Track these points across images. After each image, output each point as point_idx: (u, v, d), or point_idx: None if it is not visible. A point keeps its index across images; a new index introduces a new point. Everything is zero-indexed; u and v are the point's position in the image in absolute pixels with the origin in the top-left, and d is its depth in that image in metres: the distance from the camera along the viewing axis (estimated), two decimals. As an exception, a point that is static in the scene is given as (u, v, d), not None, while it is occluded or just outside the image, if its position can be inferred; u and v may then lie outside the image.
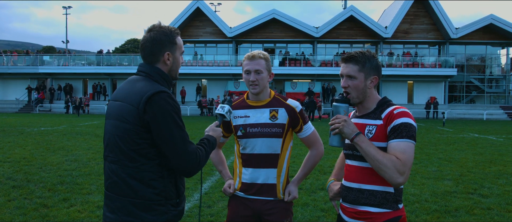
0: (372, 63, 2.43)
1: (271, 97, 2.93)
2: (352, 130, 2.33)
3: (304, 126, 2.92)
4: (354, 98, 2.47)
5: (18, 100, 42.47)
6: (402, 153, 2.23)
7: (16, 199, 6.42)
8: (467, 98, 43.60)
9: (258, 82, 2.82)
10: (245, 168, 2.91)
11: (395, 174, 2.21)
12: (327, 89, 40.62)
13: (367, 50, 2.48)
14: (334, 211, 5.97)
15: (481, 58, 44.24)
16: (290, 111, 2.88)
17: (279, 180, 2.88)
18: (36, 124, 23.06)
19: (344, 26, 41.47)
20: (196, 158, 2.27)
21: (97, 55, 44.30)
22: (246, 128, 2.85)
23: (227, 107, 2.68)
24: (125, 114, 2.24)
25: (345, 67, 2.46)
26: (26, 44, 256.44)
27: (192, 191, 7.02)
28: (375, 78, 2.46)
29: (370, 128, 2.39)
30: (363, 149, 2.28)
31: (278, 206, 2.86)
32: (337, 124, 2.36)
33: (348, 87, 2.44)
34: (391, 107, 2.38)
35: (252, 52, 2.88)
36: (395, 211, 2.34)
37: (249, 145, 2.87)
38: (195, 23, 42.78)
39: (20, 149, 12.18)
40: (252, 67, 2.82)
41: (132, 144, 2.21)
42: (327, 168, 9.30)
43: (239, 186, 2.94)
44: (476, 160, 10.84)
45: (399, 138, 2.25)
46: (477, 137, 17.96)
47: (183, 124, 2.26)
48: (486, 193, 7.11)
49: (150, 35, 2.33)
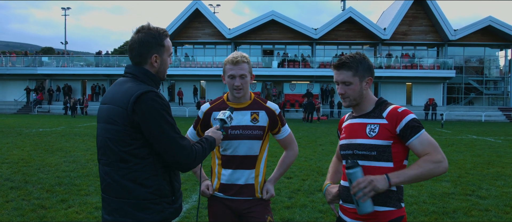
0: (364, 65, 2.47)
1: (251, 99, 2.95)
2: (383, 180, 2.28)
3: (282, 128, 2.99)
4: (352, 101, 2.49)
5: (17, 102, 42.46)
6: (429, 144, 2.32)
7: (14, 200, 6.41)
8: (465, 100, 43.71)
9: (242, 86, 2.83)
10: (224, 169, 2.93)
11: (438, 168, 2.28)
12: (325, 91, 40.65)
13: (357, 53, 2.52)
14: (332, 212, 5.98)
15: (480, 60, 44.35)
16: (270, 114, 2.92)
17: (257, 180, 2.92)
18: (35, 125, 23.04)
19: (343, 28, 41.56)
20: (192, 152, 2.28)
21: (96, 56, 44.35)
22: (228, 129, 2.85)
23: (228, 113, 2.69)
24: (113, 116, 2.24)
25: (339, 74, 2.49)
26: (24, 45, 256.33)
27: (190, 192, 7.02)
28: (370, 79, 2.50)
29: (372, 127, 2.41)
30: (405, 182, 2.31)
31: (256, 204, 2.90)
32: (366, 189, 2.28)
33: (345, 93, 2.48)
34: (391, 106, 2.43)
35: (233, 55, 2.84)
36: (398, 210, 2.37)
37: (230, 147, 2.88)
38: (194, 25, 42.82)
39: (18, 150, 12.17)
40: (236, 72, 2.81)
41: (123, 145, 2.22)
42: (325, 170, 9.30)
43: (217, 186, 2.95)
44: (474, 162, 10.85)
45: (418, 132, 2.32)
46: (476, 139, 17.99)
47: (174, 121, 2.27)
48: (484, 195, 7.12)
49: (138, 37, 2.32)
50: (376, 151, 2.37)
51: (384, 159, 2.36)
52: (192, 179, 8.04)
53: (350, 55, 2.49)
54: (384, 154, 2.36)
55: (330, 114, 38.51)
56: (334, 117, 38.21)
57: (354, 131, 2.50)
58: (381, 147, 2.36)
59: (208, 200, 3.03)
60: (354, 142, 2.46)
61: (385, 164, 2.37)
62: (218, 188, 2.94)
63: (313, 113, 31.46)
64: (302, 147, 13.19)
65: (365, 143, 2.40)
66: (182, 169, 2.31)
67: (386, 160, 2.36)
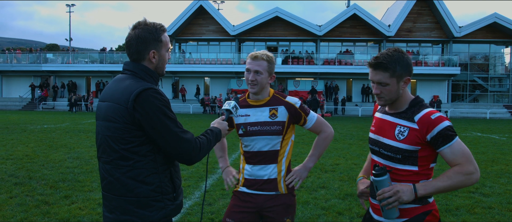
0: (402, 64, 2.33)
1: (270, 96, 2.98)
2: (409, 192, 2.26)
3: (307, 118, 2.99)
4: (387, 101, 2.41)
5: (22, 98, 42.63)
6: (462, 154, 2.24)
7: (18, 196, 6.44)
8: (470, 97, 43.52)
9: (256, 82, 2.87)
10: (247, 164, 2.98)
11: (469, 180, 2.23)
12: (329, 88, 40.59)
13: (395, 49, 2.36)
14: (334, 209, 5.98)
15: (485, 57, 44.12)
16: (290, 108, 2.93)
17: (280, 175, 2.93)
18: (39, 122, 23.13)
19: (347, 25, 41.45)
20: (196, 144, 2.29)
21: (100, 53, 44.43)
22: (247, 126, 2.93)
23: (233, 103, 2.77)
24: (113, 114, 2.24)
25: (375, 74, 2.36)
26: (29, 42, 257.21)
27: (193, 189, 7.03)
28: (408, 79, 2.37)
29: (401, 129, 2.34)
30: (433, 194, 2.27)
31: (279, 204, 2.89)
32: (391, 199, 2.27)
33: (381, 94, 2.38)
34: (424, 110, 2.31)
35: (256, 52, 2.92)
36: (424, 206, 2.33)
37: (250, 143, 2.94)
38: (198, 21, 42.81)
39: (22, 146, 12.22)
40: (252, 67, 2.87)
41: (124, 143, 2.22)
42: (328, 166, 9.29)
43: (242, 181, 3.00)
44: (479, 159, 10.81)
45: (450, 140, 2.23)
46: (480, 136, 17.92)
47: (175, 116, 2.27)
48: (488, 192, 7.10)
49: (135, 33, 2.31)
50: (401, 155, 2.32)
51: (408, 163, 2.32)
52: (195, 176, 8.05)
53: (388, 54, 2.33)
54: (410, 158, 2.31)
55: (334, 111, 38.46)
56: (338, 114, 38.16)
57: (383, 129, 2.44)
58: (407, 151, 2.30)
59: (233, 194, 3.08)
60: (382, 140, 2.43)
61: (409, 167, 2.32)
62: (243, 183, 3.00)
63: (317, 110, 31.44)
64: (305, 144, 13.19)
65: (392, 144, 2.35)
66: (187, 162, 2.31)
67: (411, 164, 2.32)
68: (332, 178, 8.08)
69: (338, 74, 40.58)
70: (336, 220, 5.57)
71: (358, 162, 10.15)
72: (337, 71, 39.91)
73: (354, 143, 14.37)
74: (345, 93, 41.42)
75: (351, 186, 7.43)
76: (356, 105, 38.96)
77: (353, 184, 7.61)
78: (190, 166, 8.71)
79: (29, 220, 5.31)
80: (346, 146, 13.54)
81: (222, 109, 2.80)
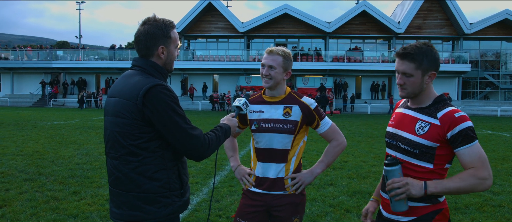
0: (430, 58, 2.31)
1: (286, 94, 2.96)
2: (419, 188, 2.24)
3: (321, 122, 2.94)
4: (409, 94, 2.37)
5: (32, 95, 42.99)
6: (478, 158, 2.20)
7: (28, 191, 6.50)
8: (481, 94, 43.11)
9: (270, 76, 2.86)
10: (258, 161, 2.97)
11: (481, 185, 2.19)
12: (338, 85, 40.44)
13: (424, 43, 2.34)
14: (342, 206, 5.96)
15: (496, 53, 43.67)
16: (304, 108, 2.90)
17: (287, 174, 2.91)
18: (49, 118, 23.32)
19: (357, 21, 41.22)
20: (205, 140, 2.29)
21: (110, 50, 44.61)
22: (260, 122, 2.92)
23: (244, 100, 2.79)
24: (122, 109, 2.25)
25: (401, 64, 2.34)
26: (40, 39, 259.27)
27: (201, 185, 7.04)
28: (433, 74, 2.34)
29: (422, 124, 2.31)
30: (443, 193, 2.24)
31: (287, 203, 2.88)
32: (399, 190, 2.26)
33: (404, 85, 2.36)
34: (448, 108, 2.27)
35: (273, 47, 2.92)
36: (435, 205, 2.31)
37: (261, 139, 2.93)
38: (207, 18, 42.83)
39: (33, 142, 12.33)
40: (267, 61, 2.86)
41: (133, 139, 2.22)
42: (336, 164, 9.26)
43: (253, 179, 2.99)
44: (489, 157, 10.62)
45: (470, 142, 2.20)
46: (491, 134, 17.76)
47: (183, 112, 2.28)
48: (498, 190, 7.04)
49: (144, 29, 2.32)
50: (418, 150, 2.29)
51: (425, 159, 2.29)
52: (203, 172, 8.07)
53: (417, 46, 2.32)
54: (426, 155, 2.29)
55: (343, 108, 38.32)
56: (347, 111, 38.03)
57: (403, 123, 2.42)
58: (425, 147, 2.27)
59: (243, 192, 3.07)
60: (400, 134, 2.40)
61: (424, 164, 2.30)
62: (254, 180, 2.99)
63: (326, 107, 31.35)
64: (314, 141, 13.16)
65: (411, 138, 2.33)
66: (196, 158, 2.32)
67: (427, 161, 2.29)
68: (340, 175, 8.06)
69: (347, 71, 40.39)
70: (344, 217, 5.55)
71: (367, 160, 10.11)
72: (346, 68, 39.71)
73: (362, 140, 14.31)
74: (354, 90, 41.21)
75: (359, 184, 7.40)
76: (365, 103, 38.77)
77: (361, 182, 7.58)
78: (198, 163, 8.76)
79: (39, 216, 5.36)
80: (355, 143, 13.49)
81: (232, 106, 2.80)
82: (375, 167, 8.98)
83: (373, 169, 8.77)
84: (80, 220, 5.25)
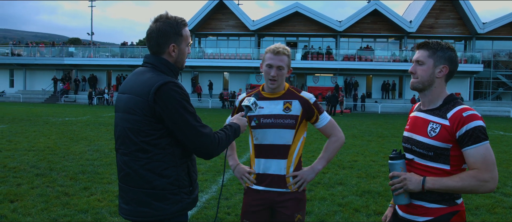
0: (445, 53, 2.34)
1: (285, 89, 2.95)
2: (416, 183, 2.27)
3: (320, 116, 2.94)
4: (418, 83, 2.38)
5: (44, 91, 43.37)
6: (482, 159, 2.17)
7: (39, 186, 6.57)
8: (493, 95, 42.64)
9: (278, 78, 2.85)
10: (257, 158, 2.96)
11: (481, 187, 2.18)
12: (349, 84, 40.27)
13: (446, 42, 2.39)
14: (350, 206, 5.94)
15: (509, 54, 43.17)
16: (304, 103, 2.89)
17: (289, 171, 2.90)
18: (61, 114, 23.52)
19: (368, 20, 41.01)
20: (214, 138, 2.30)
21: (121, 47, 44.83)
22: (260, 118, 2.90)
23: (253, 99, 2.77)
24: (133, 106, 2.26)
25: (417, 53, 2.41)
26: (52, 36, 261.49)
27: (210, 183, 7.06)
28: (445, 67, 2.34)
29: (433, 126, 2.30)
30: (441, 189, 2.24)
31: (289, 199, 2.88)
32: (398, 184, 2.32)
33: (415, 73, 2.38)
34: (458, 107, 2.26)
35: (276, 46, 2.88)
36: (451, 207, 2.30)
37: (261, 136, 2.91)
38: (217, 16, 42.89)
39: (44, 138, 12.45)
40: (275, 62, 2.83)
41: (143, 135, 2.23)
42: (346, 163, 9.23)
43: (254, 177, 2.98)
44: (500, 158, 10.61)
45: (477, 142, 2.17)
46: (503, 135, 17.58)
47: (194, 110, 2.29)
48: (509, 192, 6.96)
49: (156, 26, 2.32)
50: (433, 152, 2.28)
51: (440, 161, 2.28)
52: (212, 170, 8.09)
53: (437, 41, 2.39)
54: (441, 156, 2.27)
55: (353, 107, 38.17)
56: (358, 110, 37.87)
57: (417, 126, 2.41)
58: (439, 148, 2.26)
59: (245, 191, 3.06)
60: (414, 138, 2.40)
61: (441, 165, 2.29)
62: (254, 178, 2.98)
63: (336, 106, 31.23)
64: (324, 140, 13.10)
65: (424, 141, 2.32)
66: (205, 156, 2.33)
67: (443, 162, 2.28)
68: (350, 175, 8.03)
69: (358, 70, 40.19)
70: (352, 216, 5.53)
71: (377, 159, 10.06)
72: (357, 67, 39.51)
73: (373, 140, 14.24)
74: (364, 89, 41.02)
75: (369, 183, 7.37)
76: (376, 102, 38.57)
77: (371, 181, 7.55)
78: (207, 160, 8.78)
79: (49, 211, 5.42)
80: (365, 142, 13.43)
81: (242, 105, 2.79)
82: (385, 167, 8.93)
83: (383, 169, 8.73)
84: (90, 215, 5.29)
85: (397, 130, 18.19)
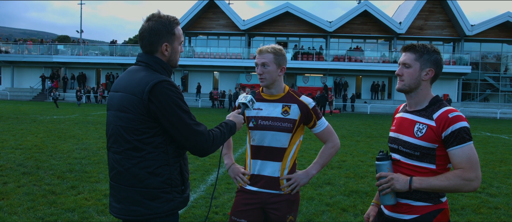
0: (431, 56, 2.40)
1: (285, 92, 2.96)
2: (403, 182, 2.32)
3: (317, 122, 2.95)
4: (405, 86, 2.43)
5: (32, 89, 42.95)
6: (467, 159, 2.23)
7: (26, 185, 6.51)
8: (481, 96, 43.07)
9: (264, 75, 2.86)
10: (253, 159, 2.96)
11: (466, 186, 2.23)
12: (339, 84, 40.42)
13: (431, 45, 2.43)
14: (338, 206, 5.97)
15: (497, 56, 43.63)
16: (303, 107, 2.90)
17: (282, 173, 2.91)
18: (49, 112, 23.32)
19: (358, 21, 41.20)
20: (209, 136, 2.31)
21: (111, 46, 44.52)
22: (258, 120, 2.91)
23: (250, 97, 2.80)
24: (127, 104, 2.26)
25: (403, 55, 2.45)
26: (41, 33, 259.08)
27: (198, 182, 7.06)
28: (431, 70, 2.39)
29: (420, 126, 2.35)
30: (427, 189, 2.29)
31: (282, 200, 2.89)
32: (385, 184, 2.37)
33: (402, 76, 2.43)
34: (444, 108, 2.32)
35: (262, 46, 2.92)
36: (436, 205, 2.35)
37: (258, 137, 2.92)
38: (208, 15, 42.79)
39: (32, 136, 12.34)
40: (259, 60, 2.88)
41: (137, 134, 2.24)
42: (334, 163, 9.28)
43: (248, 178, 2.99)
44: (487, 159, 10.73)
45: (462, 143, 2.23)
46: (489, 136, 17.77)
47: (188, 108, 2.30)
48: (494, 192, 7.05)
49: (149, 25, 2.33)
50: (419, 152, 2.34)
51: (426, 160, 2.34)
52: (201, 169, 8.08)
53: (423, 44, 2.44)
54: (428, 156, 2.33)
55: (342, 108, 38.32)
56: (347, 111, 38.03)
57: (403, 127, 2.46)
58: (425, 148, 2.32)
59: (237, 190, 3.06)
60: (401, 138, 2.44)
61: (427, 165, 2.34)
62: (248, 179, 2.98)
63: (325, 106, 31.32)
64: (313, 140, 13.17)
65: (411, 141, 2.37)
66: (200, 154, 2.33)
67: (429, 162, 2.33)
68: (338, 175, 8.07)
69: (348, 71, 40.34)
70: (340, 216, 5.56)
71: (365, 159, 10.12)
72: (347, 68, 39.65)
73: (361, 140, 14.33)
74: (354, 90, 41.19)
75: (357, 183, 7.42)
76: (365, 103, 38.77)
77: (359, 181, 7.59)
78: (196, 159, 8.77)
79: (36, 209, 5.37)
80: (354, 143, 13.51)
81: (239, 102, 2.81)
82: (373, 167, 8.99)
83: (371, 169, 8.78)
84: (77, 214, 5.26)
85: (385, 131, 18.31)
